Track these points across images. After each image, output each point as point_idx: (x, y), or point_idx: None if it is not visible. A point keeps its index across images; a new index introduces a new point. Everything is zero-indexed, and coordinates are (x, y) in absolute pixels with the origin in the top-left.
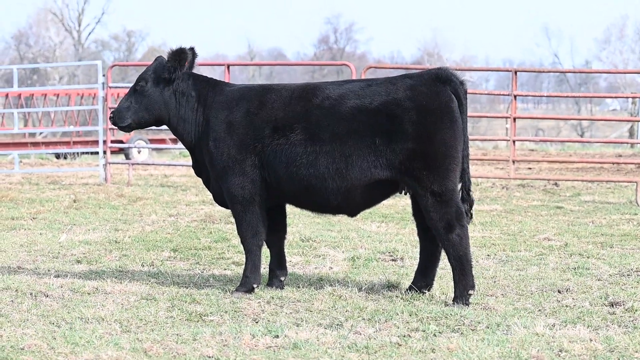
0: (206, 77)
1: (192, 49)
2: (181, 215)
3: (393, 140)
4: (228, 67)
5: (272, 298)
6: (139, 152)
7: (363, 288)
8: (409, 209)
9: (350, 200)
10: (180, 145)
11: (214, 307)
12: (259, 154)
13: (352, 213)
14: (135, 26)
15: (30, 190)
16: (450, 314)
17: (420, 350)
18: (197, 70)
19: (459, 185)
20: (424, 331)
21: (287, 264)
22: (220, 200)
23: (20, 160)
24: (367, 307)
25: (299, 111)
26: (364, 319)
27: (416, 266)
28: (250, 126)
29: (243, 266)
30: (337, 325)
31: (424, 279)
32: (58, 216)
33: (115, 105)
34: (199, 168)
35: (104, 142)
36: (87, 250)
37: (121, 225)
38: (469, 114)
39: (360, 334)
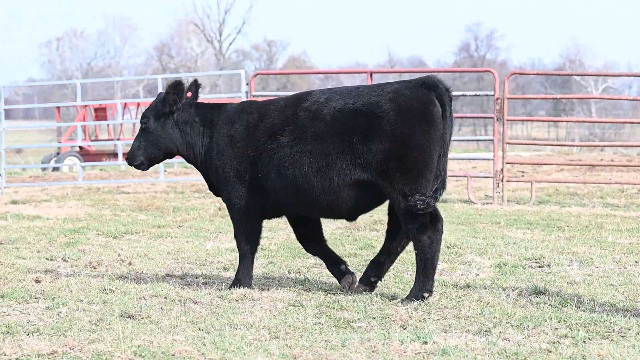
0: (210, 103)
1: (195, 80)
2: (326, 223)
3: (370, 140)
4: (371, 75)
5: (420, 305)
6: None
7: (510, 295)
8: (554, 216)
9: (341, 202)
10: None
11: (361, 314)
12: (257, 163)
13: (349, 216)
14: (276, 36)
15: (176, 199)
16: (600, 321)
17: (570, 357)
18: (338, 79)
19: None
20: (574, 338)
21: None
22: None
23: (165, 169)
24: (515, 314)
25: (289, 115)
26: (512, 326)
27: (547, 270)
28: (251, 138)
29: (385, 272)
30: (486, 331)
31: (375, 270)
32: (204, 224)
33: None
34: (215, 187)
35: None
36: (234, 257)
37: (266, 233)
38: (612, 120)
39: (509, 340)
